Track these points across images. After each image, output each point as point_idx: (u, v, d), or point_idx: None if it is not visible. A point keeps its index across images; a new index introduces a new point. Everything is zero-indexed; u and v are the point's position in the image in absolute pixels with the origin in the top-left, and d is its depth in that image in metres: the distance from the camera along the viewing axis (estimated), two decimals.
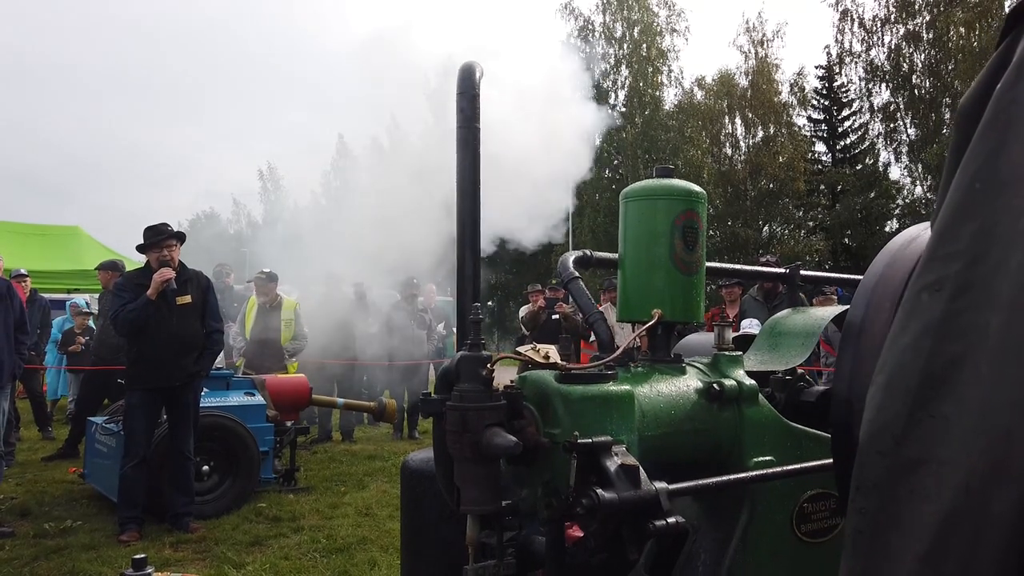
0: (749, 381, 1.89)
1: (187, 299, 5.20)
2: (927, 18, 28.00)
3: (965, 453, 0.60)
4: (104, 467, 5.73)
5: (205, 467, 5.64)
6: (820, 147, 33.36)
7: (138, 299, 5.09)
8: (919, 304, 0.68)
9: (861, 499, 0.68)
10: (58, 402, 10.90)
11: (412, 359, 9.31)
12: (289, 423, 6.49)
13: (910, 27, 28.71)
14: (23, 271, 9.73)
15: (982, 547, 0.58)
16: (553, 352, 1.67)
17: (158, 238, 5.23)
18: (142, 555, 1.87)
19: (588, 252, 2.12)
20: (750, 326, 5.61)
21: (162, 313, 5.16)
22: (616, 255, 2.02)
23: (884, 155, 31.32)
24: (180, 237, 5.40)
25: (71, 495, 6.14)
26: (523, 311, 10.65)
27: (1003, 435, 0.58)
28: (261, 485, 6.04)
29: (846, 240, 30.22)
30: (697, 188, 1.94)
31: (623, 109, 31.26)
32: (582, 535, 1.55)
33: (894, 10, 28.92)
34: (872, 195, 29.97)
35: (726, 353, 1.97)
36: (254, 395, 6.17)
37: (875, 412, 0.68)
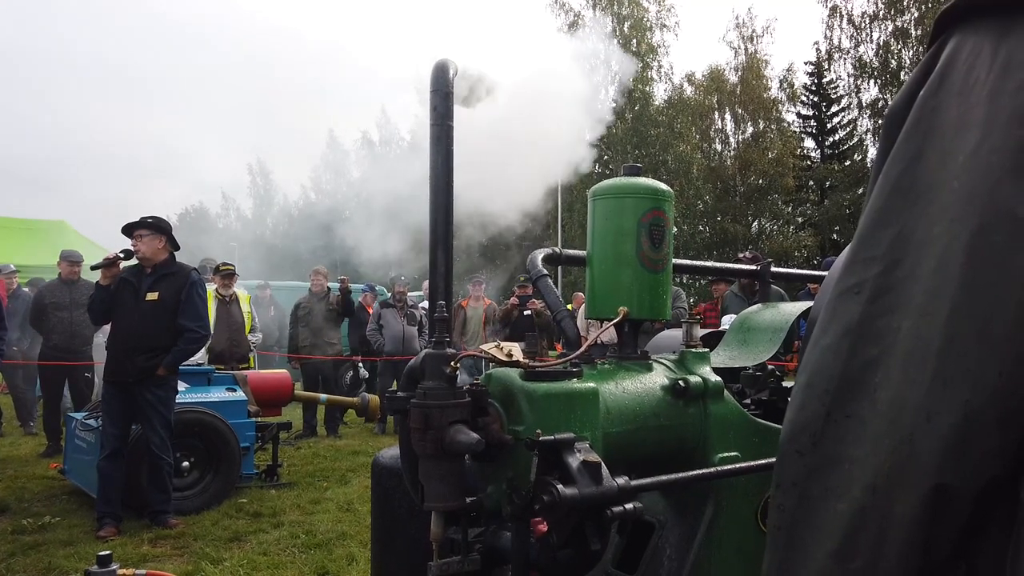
0: (715, 377, 1.91)
1: (153, 295, 5.13)
2: (915, 15, 28.13)
3: (874, 454, 0.61)
4: (84, 463, 5.70)
5: (185, 463, 5.60)
6: (809, 143, 33.55)
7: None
8: (840, 306, 0.68)
9: (780, 496, 0.69)
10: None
11: (402, 356, 9.31)
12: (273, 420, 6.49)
13: (898, 24, 28.85)
14: (12, 267, 9.63)
15: (887, 546, 0.59)
16: (516, 350, 1.67)
17: (125, 227, 5.22)
18: (107, 552, 1.86)
19: (557, 249, 2.13)
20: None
21: (127, 307, 5.12)
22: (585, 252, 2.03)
23: (872, 151, 31.48)
24: (157, 227, 5.24)
25: (51, 491, 6.10)
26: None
27: (907, 438, 0.59)
28: (242, 481, 6.02)
29: (834, 236, 30.37)
30: (664, 187, 1.94)
31: (613, 104, 31.26)
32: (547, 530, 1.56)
33: (883, 7, 29.05)
34: (860, 191, 30.12)
35: (693, 350, 1.98)
36: (235, 391, 6.15)
37: (795, 412, 0.69)
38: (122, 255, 5.21)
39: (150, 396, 5.06)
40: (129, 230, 5.21)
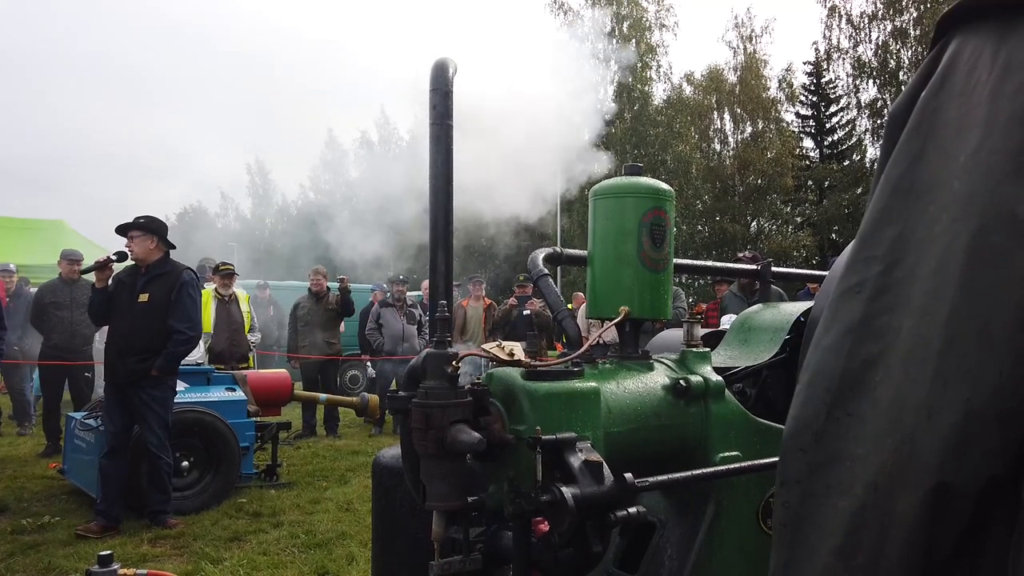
0: (716, 377, 1.91)
1: (143, 297, 5.13)
2: (914, 15, 28.15)
3: (875, 452, 0.61)
4: (83, 463, 5.70)
5: (185, 463, 5.60)
6: (808, 143, 33.55)
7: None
8: (841, 305, 0.69)
9: (784, 493, 0.69)
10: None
11: (401, 355, 9.32)
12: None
13: (897, 23, 28.87)
14: (12, 266, 9.60)
15: (889, 544, 0.59)
16: (518, 349, 1.68)
17: (119, 228, 5.22)
18: (108, 552, 1.87)
19: (558, 249, 2.13)
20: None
21: (122, 308, 5.13)
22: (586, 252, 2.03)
23: (871, 151, 31.50)
24: (148, 228, 5.21)
25: (50, 491, 6.10)
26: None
27: (908, 436, 0.59)
28: (242, 481, 6.02)
29: (833, 236, 30.37)
30: (665, 186, 1.95)
31: (612, 104, 31.24)
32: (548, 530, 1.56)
33: (881, 6, 29.07)
34: (859, 191, 30.14)
35: (694, 350, 1.98)
36: (235, 390, 6.15)
37: (798, 410, 0.70)
38: (114, 257, 5.22)
39: (145, 396, 5.05)
40: (123, 231, 5.22)
